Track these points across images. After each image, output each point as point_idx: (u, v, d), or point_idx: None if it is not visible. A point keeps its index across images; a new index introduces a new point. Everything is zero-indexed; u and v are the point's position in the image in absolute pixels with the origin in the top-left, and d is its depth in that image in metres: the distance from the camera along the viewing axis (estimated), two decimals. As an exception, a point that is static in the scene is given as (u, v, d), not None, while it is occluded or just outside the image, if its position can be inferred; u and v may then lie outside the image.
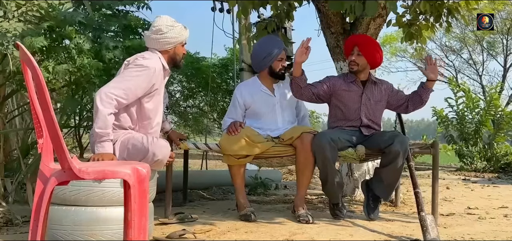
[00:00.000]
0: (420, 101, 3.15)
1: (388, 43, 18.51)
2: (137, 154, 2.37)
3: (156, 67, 2.49)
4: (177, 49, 2.64)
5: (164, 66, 2.59)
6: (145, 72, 2.43)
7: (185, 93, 6.49)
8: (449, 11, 3.82)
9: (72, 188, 2.19)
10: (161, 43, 2.58)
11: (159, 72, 2.51)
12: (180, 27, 2.63)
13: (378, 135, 3.10)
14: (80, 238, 2.19)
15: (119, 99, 2.36)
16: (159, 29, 2.56)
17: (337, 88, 3.17)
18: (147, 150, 2.36)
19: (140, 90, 2.44)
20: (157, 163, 2.40)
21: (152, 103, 2.53)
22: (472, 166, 7.71)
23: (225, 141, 3.04)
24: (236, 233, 2.66)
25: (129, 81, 2.40)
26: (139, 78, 2.42)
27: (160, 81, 2.54)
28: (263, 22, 4.33)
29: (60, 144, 1.54)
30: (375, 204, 3.07)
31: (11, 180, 3.30)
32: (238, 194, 3.12)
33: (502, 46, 18.30)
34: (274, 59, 3.19)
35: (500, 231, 2.83)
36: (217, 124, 7.15)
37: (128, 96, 2.40)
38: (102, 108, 2.30)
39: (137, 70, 2.43)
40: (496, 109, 7.83)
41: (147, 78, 2.44)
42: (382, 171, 3.01)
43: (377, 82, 3.22)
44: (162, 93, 2.61)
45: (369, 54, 3.13)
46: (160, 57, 2.58)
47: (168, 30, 2.57)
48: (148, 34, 2.61)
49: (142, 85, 2.43)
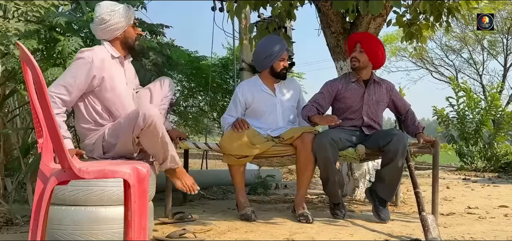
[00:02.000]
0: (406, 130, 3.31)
1: (388, 43, 18.50)
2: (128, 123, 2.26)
3: (95, 57, 2.38)
4: (126, 32, 2.53)
5: (113, 54, 2.49)
6: (80, 64, 2.35)
7: (185, 93, 6.49)
8: (449, 10, 3.82)
9: (72, 188, 2.19)
10: (108, 32, 2.48)
11: (101, 62, 2.40)
12: (122, 9, 2.50)
13: (377, 134, 3.11)
14: (80, 238, 2.19)
15: (61, 97, 2.30)
16: (102, 18, 2.45)
17: (337, 91, 3.19)
18: (136, 113, 2.23)
19: (80, 83, 2.34)
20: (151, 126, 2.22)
21: (110, 94, 2.43)
22: (472, 166, 7.72)
23: (225, 140, 3.04)
24: (236, 233, 2.66)
25: (67, 76, 2.34)
26: (76, 72, 2.34)
27: (108, 71, 2.42)
28: (263, 21, 4.32)
29: (60, 144, 1.54)
30: (382, 205, 3.05)
31: (11, 180, 3.30)
32: (238, 194, 3.12)
33: (503, 45, 18.30)
34: (276, 59, 3.19)
35: (500, 231, 2.83)
36: (217, 123, 7.15)
37: (70, 92, 2.33)
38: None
39: (74, 65, 2.37)
40: (497, 109, 7.83)
41: (84, 70, 2.34)
42: (383, 171, 3.01)
43: (379, 82, 3.24)
44: (118, 82, 2.48)
45: (370, 51, 3.13)
46: (107, 46, 2.49)
47: (111, 17, 2.46)
48: (94, 27, 2.51)
49: (81, 77, 2.34)
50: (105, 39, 2.51)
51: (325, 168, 2.96)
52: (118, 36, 2.51)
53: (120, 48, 2.53)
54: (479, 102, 8.09)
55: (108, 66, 2.44)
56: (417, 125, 3.24)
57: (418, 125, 3.24)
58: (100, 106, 2.43)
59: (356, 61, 3.14)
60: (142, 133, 2.23)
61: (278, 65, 3.21)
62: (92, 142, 2.40)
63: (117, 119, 2.44)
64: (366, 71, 3.19)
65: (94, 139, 2.40)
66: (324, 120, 3.02)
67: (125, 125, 2.29)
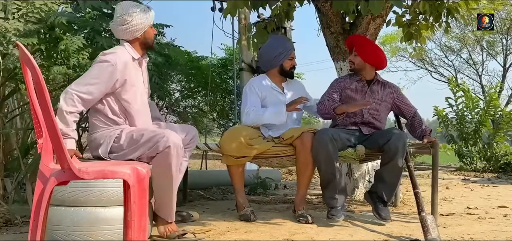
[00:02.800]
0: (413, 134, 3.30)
1: (388, 43, 18.51)
2: (149, 140, 2.34)
3: (118, 60, 2.42)
4: (146, 33, 2.57)
5: (134, 56, 2.52)
6: (104, 67, 2.39)
7: (184, 93, 6.49)
8: (448, 11, 3.82)
9: (71, 188, 2.19)
10: (129, 32, 2.51)
11: (125, 65, 2.44)
12: (143, 11, 2.54)
13: (376, 134, 3.11)
14: (79, 238, 2.18)
15: (81, 96, 2.32)
16: (124, 19, 2.49)
17: (342, 88, 3.25)
18: (161, 135, 2.32)
19: (102, 85, 2.38)
20: (170, 153, 2.31)
21: (130, 96, 2.48)
22: (471, 166, 7.72)
23: (225, 141, 3.04)
24: (236, 233, 2.66)
25: (90, 77, 2.37)
26: (99, 74, 2.38)
27: (129, 73, 2.47)
28: (262, 22, 4.33)
29: (60, 144, 1.54)
30: (383, 205, 3.04)
31: (10, 180, 3.30)
32: (237, 194, 3.12)
33: (502, 46, 18.31)
34: (285, 58, 3.22)
35: (499, 231, 2.83)
36: (216, 124, 7.15)
37: (91, 93, 2.36)
38: (64, 105, 2.27)
39: (97, 66, 2.40)
40: (496, 109, 7.83)
41: (108, 73, 2.38)
42: (383, 171, 3.01)
43: (383, 83, 3.28)
44: (138, 84, 2.55)
45: (364, 54, 3.19)
46: (128, 48, 2.52)
47: (133, 18, 2.49)
48: (114, 26, 2.53)
49: (104, 80, 2.38)
50: (125, 39, 2.54)
51: (326, 165, 2.91)
52: (138, 36, 2.55)
53: (139, 48, 2.58)
54: (477, 102, 8.09)
55: (129, 69, 2.48)
56: (425, 128, 3.24)
57: (425, 128, 3.25)
58: (118, 106, 2.48)
59: (351, 64, 3.26)
60: (157, 158, 2.31)
61: (287, 63, 3.24)
62: (102, 137, 2.43)
63: (133, 119, 2.49)
64: (367, 71, 3.23)
65: (105, 135, 2.43)
66: (353, 107, 3.05)
67: (144, 141, 2.35)
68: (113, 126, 2.46)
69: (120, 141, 2.42)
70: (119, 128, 2.46)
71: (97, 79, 2.37)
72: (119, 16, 2.50)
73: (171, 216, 2.50)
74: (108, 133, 2.44)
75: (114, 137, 2.43)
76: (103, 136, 2.43)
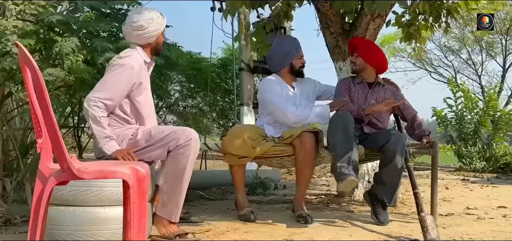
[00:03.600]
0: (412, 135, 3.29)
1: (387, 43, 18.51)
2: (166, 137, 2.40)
3: (135, 63, 2.48)
4: (158, 39, 2.64)
5: (145, 60, 2.58)
6: (123, 70, 2.43)
7: (184, 93, 6.48)
8: (448, 11, 3.83)
9: (71, 188, 2.19)
10: (144, 38, 2.56)
11: (140, 68, 2.51)
12: (158, 18, 2.60)
13: (375, 134, 3.11)
14: (79, 238, 2.18)
15: (104, 102, 2.38)
16: (140, 25, 2.53)
17: (349, 88, 3.28)
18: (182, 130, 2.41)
19: (123, 89, 2.44)
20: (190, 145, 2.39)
21: (142, 97, 2.54)
22: (471, 166, 7.72)
23: (227, 140, 3.03)
24: (235, 233, 2.66)
25: (110, 82, 2.42)
26: (119, 78, 2.42)
27: (143, 76, 2.54)
28: (262, 21, 4.33)
29: (59, 144, 1.54)
30: (382, 208, 3.03)
31: (10, 180, 3.30)
32: (238, 194, 3.12)
33: (501, 46, 18.32)
34: (295, 57, 3.25)
35: (499, 231, 2.83)
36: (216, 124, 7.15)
37: (113, 98, 2.41)
38: (91, 111, 2.33)
39: (115, 70, 2.43)
40: (495, 110, 7.84)
41: (127, 76, 2.44)
42: (383, 173, 3.00)
43: (384, 85, 3.31)
44: (148, 87, 2.62)
45: (366, 55, 3.23)
46: (140, 52, 2.57)
47: (149, 24, 2.55)
48: (129, 30, 2.57)
49: (123, 83, 2.44)
50: (138, 44, 2.58)
51: (344, 136, 2.78)
52: (151, 42, 2.60)
53: (149, 53, 2.63)
54: (477, 102, 8.10)
55: (143, 72, 2.55)
56: (424, 129, 3.24)
57: (424, 129, 3.25)
58: (129, 108, 2.53)
59: (353, 64, 3.29)
60: (176, 151, 2.37)
61: (297, 62, 3.27)
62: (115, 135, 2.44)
63: (143, 119, 2.55)
64: (368, 73, 3.27)
65: (117, 134, 2.45)
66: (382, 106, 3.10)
67: (165, 136, 2.40)
68: (125, 125, 2.51)
69: (136, 138, 2.46)
70: (132, 127, 2.51)
71: (117, 84, 2.42)
72: (135, 22, 2.54)
73: (177, 215, 2.49)
74: (120, 132, 2.48)
75: (130, 134, 2.47)
76: (116, 134, 2.45)
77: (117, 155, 2.31)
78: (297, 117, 3.09)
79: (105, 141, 2.33)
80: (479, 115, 7.87)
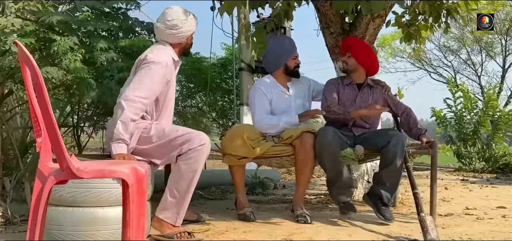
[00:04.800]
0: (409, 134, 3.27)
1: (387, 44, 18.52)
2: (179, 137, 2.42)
3: (167, 60, 2.51)
4: (188, 39, 2.68)
5: (174, 58, 2.61)
6: (158, 68, 2.46)
7: (184, 93, 6.49)
8: (448, 11, 3.82)
9: (70, 188, 2.19)
10: (177, 37, 2.59)
11: (170, 65, 2.54)
12: (192, 18, 2.64)
13: (375, 134, 3.11)
14: (78, 238, 2.18)
15: (143, 101, 2.41)
16: (175, 24, 2.56)
17: (338, 89, 3.26)
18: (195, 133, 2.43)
19: (158, 88, 2.48)
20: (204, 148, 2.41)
21: (170, 93, 2.59)
22: (470, 167, 7.73)
23: (226, 141, 3.02)
24: (235, 233, 2.66)
25: (147, 80, 2.43)
26: (154, 75, 2.44)
27: (172, 74, 2.59)
28: (262, 21, 4.32)
29: (59, 143, 1.53)
30: (385, 206, 3.03)
31: (9, 179, 3.29)
32: (238, 193, 3.12)
33: (501, 46, 18.33)
34: (290, 57, 3.24)
35: (498, 232, 2.83)
36: (216, 123, 7.15)
37: (150, 96, 2.44)
38: (127, 111, 2.34)
39: (150, 68, 2.44)
40: (494, 110, 7.84)
41: (162, 75, 2.47)
42: (382, 174, 3.00)
43: (372, 86, 3.28)
44: (173, 85, 2.66)
45: (359, 56, 3.23)
46: (170, 50, 2.59)
47: (183, 24, 2.58)
48: (162, 27, 2.59)
49: (158, 80, 2.47)
50: (169, 42, 2.61)
51: (332, 162, 2.92)
52: (182, 42, 2.63)
53: (178, 52, 2.66)
54: (476, 103, 8.10)
55: (173, 70, 2.59)
56: (420, 127, 3.24)
57: (421, 127, 3.24)
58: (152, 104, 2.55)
59: (344, 64, 3.28)
60: (187, 155, 2.38)
61: (292, 63, 3.26)
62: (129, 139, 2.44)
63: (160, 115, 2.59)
64: (358, 75, 3.26)
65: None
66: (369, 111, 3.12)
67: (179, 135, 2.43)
68: (139, 120, 2.50)
69: (149, 133, 2.47)
70: (146, 122, 2.53)
71: (153, 83, 2.44)
72: (170, 20, 2.56)
73: (180, 219, 2.49)
74: (133, 125, 2.47)
75: (142, 128, 2.48)
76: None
77: (117, 157, 2.32)
78: (267, 125, 3.11)
79: (118, 142, 2.34)
80: (478, 116, 7.87)
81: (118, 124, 2.34)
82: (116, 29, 3.54)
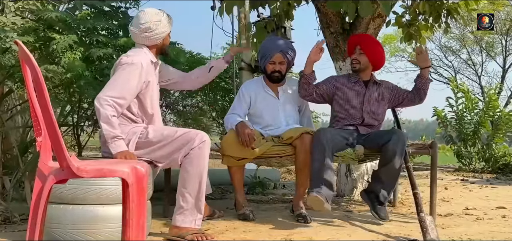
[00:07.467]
0: (423, 92, 3.24)
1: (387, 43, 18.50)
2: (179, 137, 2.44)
3: (144, 62, 2.51)
4: (165, 40, 2.68)
5: (152, 60, 2.61)
6: (132, 69, 2.45)
7: (184, 92, 6.48)
8: (448, 11, 3.82)
9: (70, 186, 2.19)
10: (151, 39, 2.59)
11: (147, 67, 2.53)
12: (165, 19, 2.63)
13: (375, 134, 3.11)
14: (78, 237, 2.18)
15: (116, 101, 2.39)
16: (148, 27, 2.56)
17: (340, 87, 3.23)
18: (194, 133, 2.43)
19: (133, 88, 2.47)
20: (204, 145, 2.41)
21: (149, 97, 2.57)
22: (470, 167, 7.72)
23: (226, 142, 3.01)
24: (234, 232, 2.66)
25: (121, 81, 2.43)
26: (129, 77, 2.44)
27: (150, 75, 2.57)
28: (262, 21, 4.32)
29: (59, 142, 1.54)
30: (381, 204, 3.03)
31: (9, 178, 3.29)
32: (237, 193, 3.12)
33: (501, 46, 18.32)
34: (267, 61, 3.19)
35: (498, 232, 2.83)
36: (216, 123, 7.14)
37: (125, 97, 2.43)
38: (103, 110, 2.35)
39: (125, 70, 2.45)
40: (495, 110, 7.84)
41: (137, 75, 2.46)
42: (381, 172, 3.00)
43: (378, 82, 3.27)
44: (154, 86, 2.64)
45: (370, 52, 3.18)
46: (147, 52, 2.59)
47: (157, 26, 2.57)
48: (136, 31, 2.59)
49: (134, 82, 2.46)
50: (145, 45, 2.61)
51: (319, 155, 2.82)
52: (158, 43, 2.63)
53: (155, 53, 2.66)
54: (477, 103, 8.10)
55: (150, 71, 2.58)
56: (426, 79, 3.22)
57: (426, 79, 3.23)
58: (137, 107, 2.55)
59: (357, 63, 3.20)
60: (190, 155, 2.39)
61: (269, 67, 3.19)
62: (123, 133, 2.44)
63: (151, 119, 2.59)
64: (366, 72, 3.24)
65: (125, 131, 2.46)
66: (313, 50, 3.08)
67: (179, 136, 2.43)
68: (132, 123, 2.52)
69: (148, 137, 2.48)
70: (139, 126, 2.53)
71: (128, 83, 2.44)
72: (143, 23, 2.56)
73: (199, 221, 2.46)
74: (128, 129, 2.49)
75: (138, 133, 2.49)
76: (123, 132, 2.45)
77: (117, 155, 2.32)
78: (228, 122, 3.12)
79: (113, 141, 2.34)
80: (479, 116, 7.87)
81: (102, 125, 2.35)
82: (116, 28, 3.54)
